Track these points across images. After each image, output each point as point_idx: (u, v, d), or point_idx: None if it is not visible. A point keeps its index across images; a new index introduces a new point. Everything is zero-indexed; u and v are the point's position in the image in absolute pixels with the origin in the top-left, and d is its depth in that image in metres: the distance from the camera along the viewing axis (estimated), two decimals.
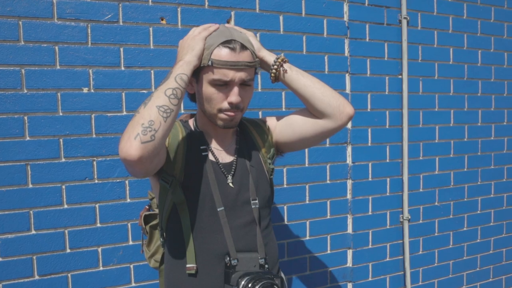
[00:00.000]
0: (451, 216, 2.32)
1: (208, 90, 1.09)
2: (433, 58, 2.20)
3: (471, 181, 2.38)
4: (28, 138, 1.45)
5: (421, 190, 2.22)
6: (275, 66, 1.17)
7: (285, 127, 1.28)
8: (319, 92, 1.18)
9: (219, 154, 1.19)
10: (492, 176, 2.45)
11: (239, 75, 1.07)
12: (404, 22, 2.07)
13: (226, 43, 1.06)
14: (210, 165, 1.15)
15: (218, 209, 1.12)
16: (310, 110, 1.22)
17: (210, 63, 1.05)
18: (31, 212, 1.47)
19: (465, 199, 2.37)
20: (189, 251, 1.12)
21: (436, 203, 2.27)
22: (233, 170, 1.17)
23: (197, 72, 1.10)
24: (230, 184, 1.15)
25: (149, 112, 0.96)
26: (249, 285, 1.03)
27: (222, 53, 1.05)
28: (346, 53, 1.97)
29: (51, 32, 1.46)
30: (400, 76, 2.10)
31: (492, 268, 2.50)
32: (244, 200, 1.16)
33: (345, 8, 1.96)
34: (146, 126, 0.94)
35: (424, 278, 2.26)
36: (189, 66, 1.03)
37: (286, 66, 1.19)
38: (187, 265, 1.12)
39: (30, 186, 1.46)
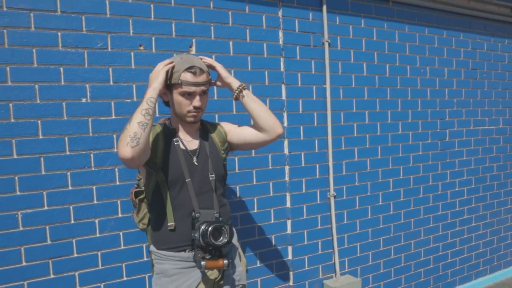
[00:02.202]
0: (368, 194, 2.97)
1: (178, 98, 1.63)
2: (350, 71, 2.84)
3: (383, 166, 3.04)
4: (41, 137, 1.93)
5: (344, 173, 2.84)
6: (237, 92, 1.74)
7: (236, 134, 1.84)
8: (262, 115, 1.75)
9: (187, 143, 1.73)
10: (401, 162, 3.13)
11: (199, 89, 1.63)
12: (326, 44, 2.69)
13: (189, 68, 1.61)
14: (180, 151, 1.68)
15: (186, 180, 1.66)
16: (254, 125, 1.78)
17: (180, 82, 1.60)
18: (44, 193, 1.95)
19: (380, 180, 3.02)
20: (168, 214, 1.65)
21: (356, 183, 2.91)
22: (197, 154, 1.72)
23: (170, 87, 1.64)
24: (195, 163, 1.70)
25: (132, 127, 1.47)
26: (205, 227, 1.57)
27: (188, 76, 1.60)
28: (282, 68, 2.57)
29: (57, 57, 1.95)
30: (324, 86, 2.72)
31: (403, 234, 3.17)
32: (205, 174, 1.71)
33: (280, 34, 2.55)
34: (132, 136, 1.46)
35: (349, 242, 2.89)
36: (155, 91, 1.56)
37: (244, 92, 1.75)
38: (168, 224, 1.64)
39: (43, 173, 1.94)
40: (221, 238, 1.58)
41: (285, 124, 2.58)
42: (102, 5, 2.02)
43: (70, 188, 2.00)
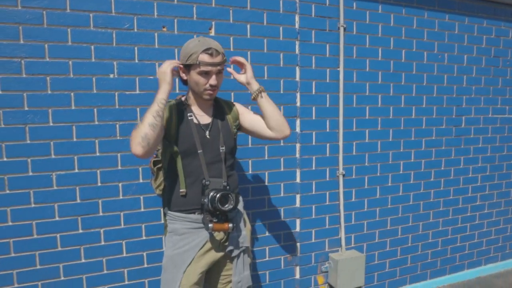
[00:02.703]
0: (378, 174, 3.09)
1: (196, 77, 1.81)
2: (365, 55, 2.93)
3: (395, 148, 3.14)
4: (73, 107, 2.17)
5: (354, 153, 2.97)
6: (255, 93, 1.90)
7: (248, 120, 2.00)
8: (274, 117, 1.91)
9: (200, 118, 1.91)
10: (412, 145, 3.22)
11: (215, 69, 1.80)
12: (342, 29, 2.79)
13: (207, 50, 1.77)
14: (193, 125, 1.87)
15: (198, 151, 1.85)
16: (265, 123, 1.94)
17: (198, 62, 1.77)
18: (75, 157, 2.20)
19: (390, 162, 3.13)
20: (181, 181, 1.85)
21: (366, 164, 3.04)
22: (209, 127, 1.90)
23: (188, 67, 1.82)
24: (207, 136, 1.88)
25: (144, 128, 1.64)
26: (214, 194, 1.77)
27: (205, 57, 1.77)
28: (297, 51, 2.70)
29: (89, 36, 2.17)
30: (338, 69, 2.84)
31: (411, 215, 3.28)
32: (215, 146, 1.89)
33: (297, 18, 2.68)
34: (143, 137, 1.64)
35: (356, 219, 3.04)
36: (165, 93, 1.71)
37: (262, 95, 1.91)
38: (180, 190, 1.85)
39: (75, 139, 2.19)
40: (228, 204, 1.77)
41: (298, 104, 2.73)
42: None
43: (97, 154, 2.25)
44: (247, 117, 2.02)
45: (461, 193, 3.50)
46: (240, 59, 1.92)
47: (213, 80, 1.79)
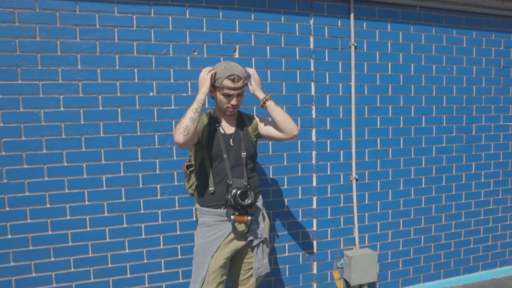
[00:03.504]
0: (390, 179, 3.36)
1: (220, 97, 2.18)
2: (375, 70, 3.23)
3: (405, 155, 3.40)
4: (120, 121, 2.59)
5: (366, 159, 3.26)
6: (261, 102, 2.26)
7: (264, 129, 2.36)
8: (281, 121, 2.25)
9: (226, 129, 2.27)
10: (423, 152, 3.46)
11: (236, 92, 2.16)
12: (353, 48, 3.11)
13: (230, 76, 2.13)
14: (220, 134, 2.23)
15: (223, 156, 2.21)
16: (275, 126, 2.29)
17: (222, 86, 2.14)
18: (121, 163, 2.61)
19: (401, 168, 3.39)
20: (210, 181, 2.22)
21: (378, 169, 3.31)
22: (233, 136, 2.26)
23: (215, 87, 2.19)
24: (231, 144, 2.24)
25: (186, 121, 2.02)
26: (235, 191, 2.11)
27: (228, 82, 2.13)
28: (312, 68, 3.03)
29: (133, 61, 2.59)
30: (350, 83, 3.14)
31: (423, 217, 3.51)
32: (238, 152, 2.24)
33: (311, 39, 3.02)
34: (184, 128, 2.01)
35: (369, 220, 3.31)
36: (204, 95, 2.09)
37: (268, 103, 2.26)
38: (209, 188, 2.21)
39: (121, 148, 2.61)
40: (247, 199, 2.11)
41: (313, 115, 3.05)
42: (166, 20, 2.63)
43: (139, 160, 2.65)
44: (263, 126, 2.37)
45: (474, 197, 3.70)
46: (248, 70, 2.27)
47: (233, 101, 2.16)
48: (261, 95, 2.27)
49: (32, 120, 2.43)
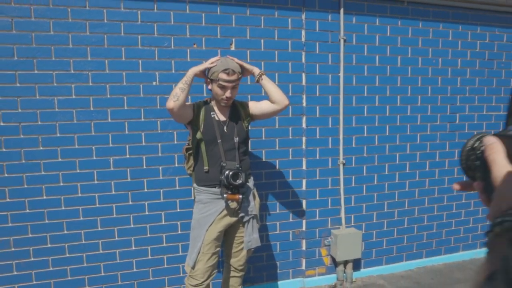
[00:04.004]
0: (376, 164, 3.61)
1: (216, 89, 2.43)
2: (363, 62, 3.45)
3: (391, 142, 3.64)
4: (126, 108, 2.85)
5: (353, 145, 3.51)
6: (257, 76, 2.51)
7: (257, 108, 2.61)
8: (274, 92, 2.50)
9: (220, 116, 2.52)
10: (408, 139, 3.70)
11: (230, 85, 2.40)
12: (342, 41, 3.33)
13: (225, 70, 2.38)
14: (215, 121, 2.49)
15: (218, 141, 2.47)
16: (269, 99, 2.54)
17: (217, 78, 2.38)
18: (127, 146, 2.88)
19: (387, 153, 3.64)
20: (205, 162, 2.48)
21: (365, 155, 3.56)
22: (227, 123, 2.51)
23: (211, 80, 2.43)
24: (225, 130, 2.50)
25: (175, 90, 2.29)
26: (228, 172, 2.38)
27: (223, 75, 2.38)
28: (303, 60, 3.26)
29: (138, 53, 2.84)
30: (339, 74, 3.38)
31: (407, 200, 3.77)
32: (231, 137, 2.50)
33: (303, 33, 3.24)
34: (174, 95, 2.28)
35: (355, 201, 3.58)
36: (193, 72, 2.33)
37: (263, 77, 2.51)
38: (204, 168, 2.48)
39: (127, 132, 2.87)
40: (238, 180, 2.38)
41: (304, 104, 3.29)
42: (168, 15, 2.86)
43: (143, 144, 2.92)
44: (255, 106, 2.61)
45: (456, 181, 3.93)
46: (237, 60, 2.48)
47: (228, 93, 2.40)
48: (256, 70, 2.52)
49: (47, 107, 2.69)
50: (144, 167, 2.94)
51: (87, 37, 2.72)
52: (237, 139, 2.51)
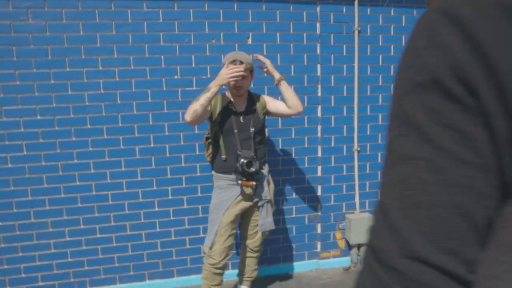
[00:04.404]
0: None
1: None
2: (378, 52, 3.52)
3: None
4: (150, 100, 3.06)
5: (368, 133, 3.61)
6: (277, 81, 2.66)
7: (273, 106, 2.77)
8: (291, 99, 2.65)
9: (237, 107, 2.69)
10: None
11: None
12: (356, 32, 3.41)
13: (233, 61, 2.54)
14: (232, 112, 2.67)
15: (234, 131, 2.65)
16: (285, 103, 2.69)
17: None
18: (151, 136, 3.10)
19: None
20: (222, 151, 2.67)
21: (379, 142, 3.66)
22: (243, 114, 2.69)
23: None
24: (241, 120, 2.67)
25: (196, 106, 2.44)
26: (242, 160, 2.56)
27: (231, 66, 2.54)
28: (318, 52, 3.37)
29: (160, 49, 3.03)
30: (353, 64, 3.47)
31: None
32: (247, 128, 2.67)
33: (318, 25, 3.34)
34: (194, 111, 2.44)
35: (370, 187, 3.70)
36: (218, 87, 2.47)
37: (282, 82, 2.66)
38: (222, 156, 2.67)
39: (151, 123, 3.09)
40: (252, 168, 2.56)
41: (319, 94, 3.42)
42: (188, 13, 3.04)
43: (166, 133, 3.14)
44: (272, 104, 2.78)
45: None
46: (260, 57, 2.66)
47: (238, 83, 2.56)
48: (277, 74, 2.67)
49: (79, 101, 2.94)
50: (168, 155, 3.17)
51: (113, 36, 2.94)
52: (253, 129, 2.68)
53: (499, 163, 0.38)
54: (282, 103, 2.74)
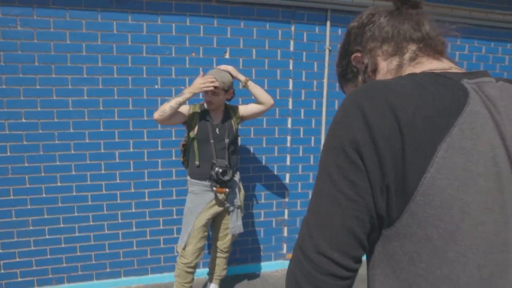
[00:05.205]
0: None
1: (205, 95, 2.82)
2: None
3: None
4: (131, 108, 3.25)
5: None
6: (243, 83, 2.89)
7: (246, 110, 3.01)
8: (260, 95, 2.89)
9: (215, 118, 2.91)
10: None
11: (210, 91, 2.77)
12: (327, 51, 3.69)
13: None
14: (209, 124, 2.89)
15: (210, 141, 2.87)
16: (256, 101, 2.93)
17: None
18: (131, 141, 3.29)
19: None
20: (196, 157, 2.88)
21: None
22: (219, 126, 2.91)
23: None
24: (217, 131, 2.90)
25: (166, 107, 2.63)
26: (217, 169, 2.79)
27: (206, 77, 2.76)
28: (291, 67, 3.63)
29: (143, 60, 3.21)
30: (323, 80, 3.75)
31: None
32: (222, 138, 2.90)
33: (291, 43, 3.60)
34: (163, 110, 2.64)
35: None
36: (191, 95, 2.69)
37: (249, 83, 2.90)
38: (196, 162, 2.89)
39: (131, 129, 3.27)
40: (226, 176, 2.79)
41: (290, 107, 3.68)
42: (170, 27, 3.23)
43: (145, 139, 3.33)
44: (244, 110, 3.01)
45: None
46: (222, 67, 2.87)
47: (208, 98, 2.78)
48: (242, 77, 2.90)
49: (63, 106, 3.10)
50: (145, 159, 3.36)
51: (99, 46, 3.10)
52: (228, 140, 2.91)
53: (374, 202, 0.64)
54: (253, 104, 2.98)
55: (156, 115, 2.69)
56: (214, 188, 2.81)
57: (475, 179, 0.58)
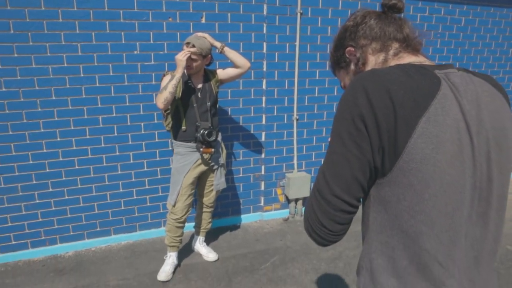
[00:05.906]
0: (324, 119, 4.29)
1: None
2: (317, 32, 3.99)
3: (338, 100, 4.29)
4: (111, 74, 3.32)
5: (306, 104, 4.14)
6: (220, 49, 3.02)
7: (224, 74, 3.16)
8: (237, 59, 3.05)
9: (196, 83, 3.06)
10: None
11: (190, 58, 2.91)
12: (299, 14, 3.83)
13: (187, 43, 2.88)
14: (191, 88, 3.03)
15: (194, 105, 3.03)
16: (233, 65, 3.08)
17: (182, 49, 2.89)
18: (113, 106, 3.38)
19: (334, 110, 4.31)
20: (183, 122, 3.05)
21: (315, 112, 4.22)
22: (200, 90, 3.06)
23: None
24: (199, 95, 3.05)
25: (166, 94, 2.77)
26: (203, 131, 2.98)
27: (184, 46, 2.88)
28: (264, 31, 3.76)
29: (120, 26, 3.25)
30: (295, 43, 3.92)
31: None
32: (204, 101, 3.06)
33: (265, 7, 3.71)
34: (165, 98, 2.78)
35: (306, 150, 4.28)
36: (180, 73, 2.81)
37: (225, 49, 3.03)
38: (182, 127, 3.05)
39: (113, 94, 3.36)
40: (211, 137, 2.99)
41: (264, 69, 3.85)
42: None
43: (127, 104, 3.43)
44: (222, 73, 3.17)
45: None
46: (199, 34, 2.99)
47: (188, 63, 2.90)
48: (218, 44, 3.03)
49: (43, 74, 3.13)
50: (129, 123, 3.48)
51: (75, 12, 3.11)
52: (209, 103, 3.08)
53: (373, 159, 0.87)
54: (231, 68, 3.14)
55: (161, 105, 2.81)
56: (201, 149, 3.00)
57: (444, 143, 0.82)
